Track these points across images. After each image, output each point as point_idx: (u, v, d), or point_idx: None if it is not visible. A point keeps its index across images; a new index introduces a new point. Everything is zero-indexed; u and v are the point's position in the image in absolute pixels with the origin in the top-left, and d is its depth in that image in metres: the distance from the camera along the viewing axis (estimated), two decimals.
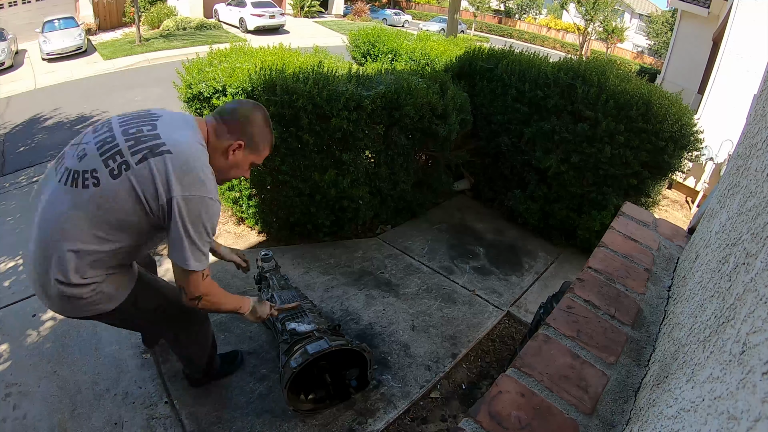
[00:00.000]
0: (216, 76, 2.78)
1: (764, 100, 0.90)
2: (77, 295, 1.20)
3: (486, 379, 2.21)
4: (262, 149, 1.38)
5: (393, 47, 4.83)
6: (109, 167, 1.13)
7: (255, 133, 1.33)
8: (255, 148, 1.35)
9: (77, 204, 1.13)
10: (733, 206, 0.83)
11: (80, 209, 1.13)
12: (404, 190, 3.39)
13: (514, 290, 2.92)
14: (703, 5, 8.32)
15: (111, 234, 1.17)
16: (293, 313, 1.87)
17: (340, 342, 1.72)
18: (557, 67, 3.48)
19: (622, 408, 0.83)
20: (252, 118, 1.32)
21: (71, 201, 1.14)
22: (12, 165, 5.67)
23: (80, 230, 1.14)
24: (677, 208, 5.62)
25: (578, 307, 1.04)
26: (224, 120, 1.30)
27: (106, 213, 1.14)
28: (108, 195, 1.13)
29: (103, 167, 1.13)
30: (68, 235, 1.14)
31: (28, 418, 1.79)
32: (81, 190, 1.14)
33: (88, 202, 1.13)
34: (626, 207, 1.57)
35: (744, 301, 0.53)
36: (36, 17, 14.28)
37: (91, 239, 1.16)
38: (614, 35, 23.10)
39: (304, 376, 1.75)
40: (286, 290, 2.09)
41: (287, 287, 2.15)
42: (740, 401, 0.42)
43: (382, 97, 2.80)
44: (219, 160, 1.29)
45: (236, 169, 1.37)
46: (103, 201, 1.13)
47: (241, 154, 1.33)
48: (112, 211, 1.14)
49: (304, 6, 21.48)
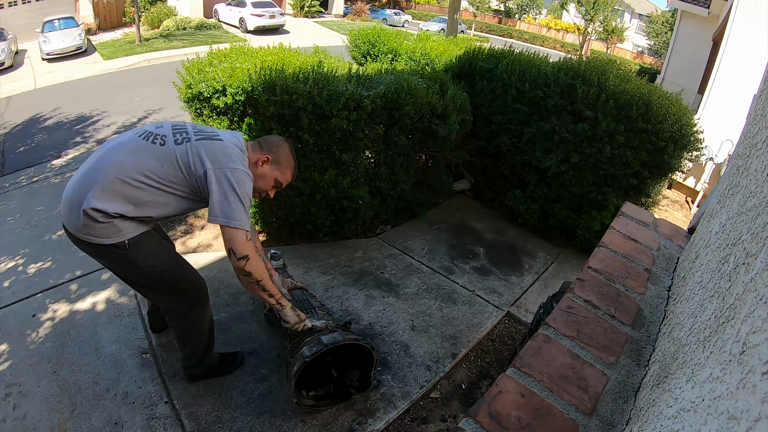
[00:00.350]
0: (216, 76, 2.78)
1: (764, 100, 0.90)
2: (95, 218, 1.43)
3: (486, 379, 2.21)
4: (286, 170, 1.70)
5: (393, 47, 4.83)
6: (175, 137, 1.52)
7: (281, 154, 1.68)
8: (280, 166, 1.68)
9: (142, 149, 1.48)
10: (733, 206, 0.83)
11: (144, 153, 1.48)
12: (404, 190, 3.39)
13: (514, 290, 2.92)
14: (703, 5, 8.32)
15: (153, 180, 1.46)
16: (303, 308, 1.89)
17: (353, 336, 1.73)
18: (557, 67, 3.48)
19: (622, 408, 0.83)
20: (281, 144, 1.69)
21: (139, 147, 1.49)
22: (12, 165, 5.67)
23: (134, 166, 1.44)
24: (677, 208, 5.62)
25: (578, 307, 1.04)
26: (259, 142, 1.69)
27: (157, 164, 1.46)
28: (165, 153, 1.48)
29: (171, 136, 1.52)
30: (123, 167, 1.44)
31: (28, 418, 1.79)
32: (150, 144, 1.50)
33: (150, 151, 1.48)
34: (626, 207, 1.57)
35: (744, 301, 0.53)
36: (36, 17, 14.28)
37: (137, 176, 1.45)
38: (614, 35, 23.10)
39: (308, 372, 1.75)
40: (294, 288, 2.10)
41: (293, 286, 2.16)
42: (740, 401, 0.42)
43: (382, 97, 2.80)
44: (250, 169, 1.58)
45: (262, 180, 1.65)
46: (160, 155, 1.47)
47: (269, 167, 1.65)
48: (161, 164, 1.46)
49: (304, 6, 21.48)
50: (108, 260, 1.60)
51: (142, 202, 1.48)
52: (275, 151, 1.66)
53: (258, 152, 1.63)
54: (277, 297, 1.65)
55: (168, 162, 1.47)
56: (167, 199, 1.51)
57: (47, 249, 3.17)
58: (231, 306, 2.42)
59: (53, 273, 2.83)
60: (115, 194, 1.44)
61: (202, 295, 1.75)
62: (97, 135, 6.54)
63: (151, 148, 1.48)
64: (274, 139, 1.70)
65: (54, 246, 3.22)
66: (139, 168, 1.45)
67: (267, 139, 1.70)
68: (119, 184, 1.44)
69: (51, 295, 2.57)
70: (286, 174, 1.71)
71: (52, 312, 2.41)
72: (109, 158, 1.47)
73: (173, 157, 1.47)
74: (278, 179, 1.69)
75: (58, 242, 3.28)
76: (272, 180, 1.68)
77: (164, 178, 1.47)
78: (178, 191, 1.51)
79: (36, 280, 2.76)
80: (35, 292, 2.62)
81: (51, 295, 2.57)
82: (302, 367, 1.60)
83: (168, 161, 1.47)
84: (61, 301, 2.50)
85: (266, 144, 1.67)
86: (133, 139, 1.52)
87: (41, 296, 2.57)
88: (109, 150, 1.51)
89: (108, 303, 2.45)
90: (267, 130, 2.70)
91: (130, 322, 2.29)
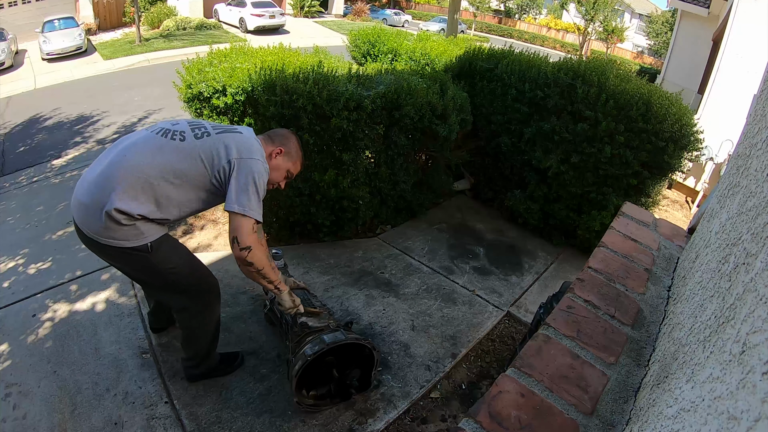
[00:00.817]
0: (216, 76, 2.78)
1: (764, 100, 0.90)
2: (117, 220, 1.41)
3: (486, 379, 2.21)
4: (296, 160, 1.76)
5: (393, 47, 4.83)
6: (194, 132, 1.53)
7: (291, 146, 1.74)
8: (291, 157, 1.74)
9: (162, 147, 1.47)
10: (733, 206, 0.83)
11: (166, 150, 1.47)
12: (404, 190, 3.39)
13: (514, 290, 2.92)
14: (703, 5, 8.32)
15: (173, 179, 1.46)
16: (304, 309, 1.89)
17: (354, 336, 1.73)
18: (557, 67, 3.48)
19: (622, 408, 0.83)
20: (289, 136, 1.76)
21: (160, 144, 1.48)
22: (12, 165, 5.67)
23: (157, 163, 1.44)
24: (677, 208, 5.62)
25: (578, 307, 1.04)
26: (269, 135, 1.74)
27: (179, 160, 1.46)
28: (187, 148, 1.48)
29: (190, 132, 1.53)
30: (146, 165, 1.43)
31: (28, 418, 1.79)
32: (169, 140, 1.49)
33: (171, 148, 1.47)
34: (626, 207, 1.57)
35: (744, 301, 0.53)
36: (36, 17, 14.28)
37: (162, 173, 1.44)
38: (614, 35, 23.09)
39: (309, 372, 1.76)
40: (296, 288, 2.10)
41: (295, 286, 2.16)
42: (740, 401, 0.42)
43: (382, 97, 2.80)
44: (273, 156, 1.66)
45: (276, 171, 1.69)
46: (182, 151, 1.47)
47: (282, 159, 1.70)
48: (184, 160, 1.47)
49: (304, 6, 21.48)
50: (127, 263, 1.57)
51: (166, 201, 1.48)
52: (286, 143, 1.72)
53: (270, 145, 1.68)
54: (276, 282, 1.67)
55: (190, 157, 1.48)
56: (189, 195, 1.52)
57: (47, 249, 3.17)
58: (231, 306, 2.42)
59: (53, 273, 2.83)
60: (139, 194, 1.42)
61: (216, 295, 1.77)
62: (97, 135, 6.54)
63: (172, 144, 1.49)
64: (282, 132, 1.76)
65: (54, 246, 3.22)
66: (163, 165, 1.45)
67: (276, 132, 1.76)
68: (143, 183, 1.42)
69: (51, 295, 2.57)
70: (297, 164, 1.77)
71: (52, 312, 2.41)
72: (128, 158, 1.45)
73: (196, 153, 1.48)
74: (290, 170, 1.75)
75: (58, 242, 3.29)
76: (285, 171, 1.74)
77: (187, 174, 1.48)
78: (199, 187, 1.52)
79: (36, 280, 2.76)
80: (35, 292, 2.62)
81: (51, 295, 2.57)
82: (304, 366, 1.60)
83: (190, 157, 1.48)
84: (61, 301, 2.50)
85: (276, 137, 1.73)
86: (151, 137, 1.51)
87: (41, 296, 2.57)
88: (125, 149, 1.48)
89: (108, 303, 2.45)
90: (267, 130, 2.70)
91: (130, 322, 2.29)
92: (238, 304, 2.45)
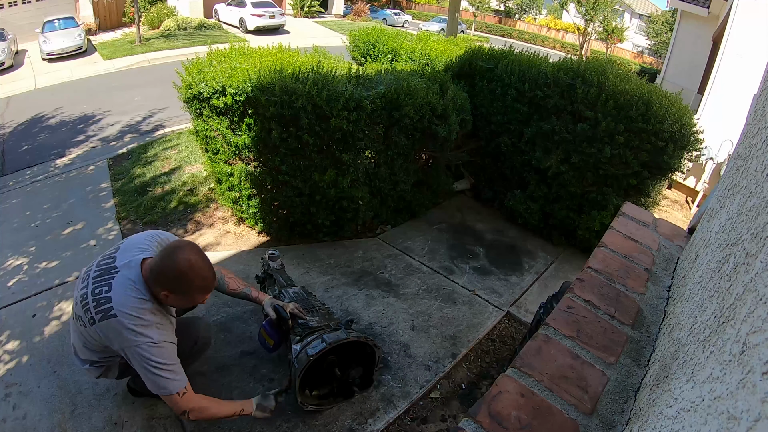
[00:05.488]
0: (216, 76, 2.78)
1: (764, 100, 0.90)
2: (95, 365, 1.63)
3: (486, 379, 2.21)
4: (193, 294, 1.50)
5: (393, 47, 4.83)
6: (88, 316, 1.45)
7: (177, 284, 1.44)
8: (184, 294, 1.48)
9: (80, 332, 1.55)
10: (733, 206, 0.83)
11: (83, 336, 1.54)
12: (404, 190, 3.39)
13: (514, 290, 2.92)
14: (703, 5, 8.32)
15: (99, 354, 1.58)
16: (304, 308, 1.89)
17: (356, 334, 1.73)
18: (557, 67, 3.48)
19: (622, 408, 0.83)
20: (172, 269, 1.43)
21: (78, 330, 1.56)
22: (14, 165, 5.66)
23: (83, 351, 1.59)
24: (677, 208, 5.62)
25: (578, 307, 1.04)
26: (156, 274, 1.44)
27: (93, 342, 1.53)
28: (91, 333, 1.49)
29: (85, 317, 1.47)
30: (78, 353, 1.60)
31: (28, 418, 1.79)
32: (80, 326, 1.53)
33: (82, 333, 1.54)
34: (626, 207, 1.57)
35: (744, 301, 0.53)
36: (36, 17, 14.27)
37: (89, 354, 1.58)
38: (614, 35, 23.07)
39: (311, 372, 1.75)
40: (293, 287, 2.11)
41: (292, 285, 2.17)
42: (740, 401, 0.42)
43: (382, 97, 2.80)
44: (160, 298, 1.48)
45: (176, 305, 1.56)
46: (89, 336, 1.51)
47: (173, 298, 1.47)
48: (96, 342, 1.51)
49: (304, 6, 21.47)
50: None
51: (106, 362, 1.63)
52: (170, 284, 1.43)
53: (158, 286, 1.44)
54: (237, 412, 1.58)
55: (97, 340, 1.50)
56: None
57: (49, 249, 3.17)
58: (231, 306, 2.42)
59: (54, 273, 2.83)
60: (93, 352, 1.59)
61: None
62: (100, 134, 6.53)
63: (81, 331, 1.53)
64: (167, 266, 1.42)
65: (55, 246, 3.22)
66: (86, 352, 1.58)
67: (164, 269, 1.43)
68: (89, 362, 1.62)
69: (51, 295, 2.58)
70: (195, 297, 1.52)
71: (53, 312, 2.41)
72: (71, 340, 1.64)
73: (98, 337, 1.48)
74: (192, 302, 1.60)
75: (59, 242, 3.29)
76: (185, 304, 1.58)
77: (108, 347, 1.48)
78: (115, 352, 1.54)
79: (36, 280, 2.76)
80: (36, 292, 2.62)
81: (51, 295, 2.58)
82: (306, 366, 1.60)
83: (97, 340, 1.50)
84: (62, 301, 2.50)
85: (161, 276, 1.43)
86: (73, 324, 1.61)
87: (42, 296, 2.57)
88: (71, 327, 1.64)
89: None
90: (267, 130, 2.70)
91: None
92: (238, 304, 2.45)
